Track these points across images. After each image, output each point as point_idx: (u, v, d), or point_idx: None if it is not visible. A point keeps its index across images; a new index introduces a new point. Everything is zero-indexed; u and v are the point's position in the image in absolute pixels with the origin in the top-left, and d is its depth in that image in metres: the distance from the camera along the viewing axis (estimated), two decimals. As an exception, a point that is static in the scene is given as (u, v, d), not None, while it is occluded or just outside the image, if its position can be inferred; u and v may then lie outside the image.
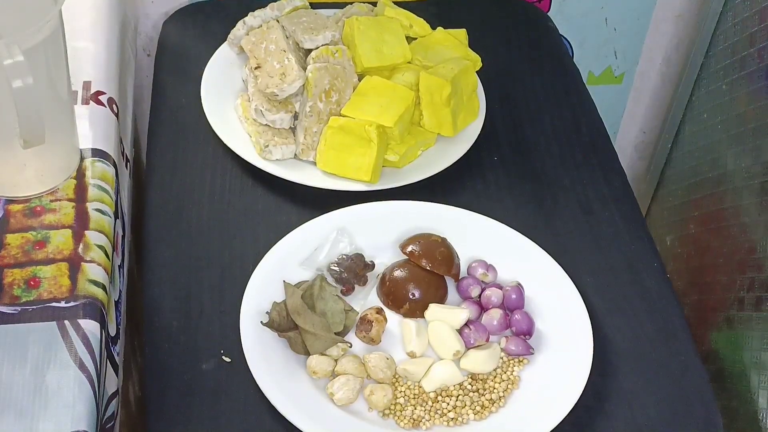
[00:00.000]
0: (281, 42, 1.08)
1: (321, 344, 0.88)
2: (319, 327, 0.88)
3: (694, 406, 0.89)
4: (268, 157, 1.04)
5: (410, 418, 0.85)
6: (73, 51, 0.89)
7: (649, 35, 1.52)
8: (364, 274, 0.95)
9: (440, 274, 0.95)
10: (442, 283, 0.95)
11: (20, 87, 0.76)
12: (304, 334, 0.88)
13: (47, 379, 0.77)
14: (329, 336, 0.88)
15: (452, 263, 0.95)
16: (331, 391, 0.85)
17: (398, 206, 1.00)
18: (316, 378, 0.86)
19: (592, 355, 0.89)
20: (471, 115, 1.12)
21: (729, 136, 1.32)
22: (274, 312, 0.89)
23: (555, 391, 0.86)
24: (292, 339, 0.88)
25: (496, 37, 1.29)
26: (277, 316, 0.89)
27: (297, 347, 0.88)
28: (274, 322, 0.89)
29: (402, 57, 1.10)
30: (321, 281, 0.93)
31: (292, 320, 0.88)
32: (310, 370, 0.86)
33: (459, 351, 0.89)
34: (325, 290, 0.92)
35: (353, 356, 0.88)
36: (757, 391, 1.13)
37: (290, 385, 0.85)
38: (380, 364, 0.87)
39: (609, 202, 1.07)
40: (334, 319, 0.90)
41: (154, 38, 1.31)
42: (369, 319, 0.90)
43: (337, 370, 0.87)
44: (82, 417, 0.76)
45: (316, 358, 0.87)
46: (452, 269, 0.95)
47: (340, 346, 0.88)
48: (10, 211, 0.89)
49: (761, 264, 1.18)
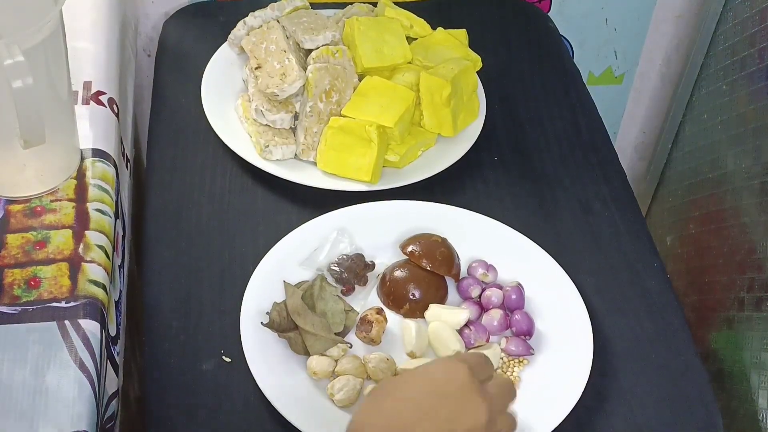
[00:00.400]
0: (281, 42, 1.08)
1: (321, 345, 0.88)
2: (319, 327, 0.88)
3: (694, 406, 0.89)
4: (269, 157, 1.04)
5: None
6: (73, 51, 0.89)
7: (649, 35, 1.52)
8: (365, 274, 0.95)
9: (440, 274, 0.95)
10: (442, 283, 0.95)
11: (20, 87, 0.76)
12: (304, 334, 0.88)
13: (47, 380, 0.77)
14: (329, 336, 0.88)
15: (452, 263, 0.95)
16: (331, 392, 0.85)
17: (398, 206, 1.00)
18: (317, 378, 0.86)
19: (593, 354, 0.89)
20: (471, 115, 1.12)
21: (729, 137, 1.32)
22: (274, 312, 0.89)
23: (555, 392, 0.86)
24: (292, 339, 0.88)
25: (496, 37, 1.29)
26: (277, 316, 0.89)
27: (297, 347, 0.88)
28: (274, 322, 0.89)
29: (402, 57, 1.10)
30: (321, 281, 0.93)
31: (293, 320, 0.88)
32: (311, 371, 0.86)
33: (459, 352, 0.89)
34: (325, 290, 0.92)
35: (353, 357, 0.88)
36: (757, 391, 1.13)
37: (290, 385, 0.85)
38: (380, 365, 0.87)
39: (609, 202, 1.07)
40: (334, 319, 0.90)
41: (154, 38, 1.31)
42: (369, 319, 0.90)
43: (337, 371, 0.87)
44: (82, 417, 0.76)
45: (316, 359, 0.87)
46: (452, 269, 0.95)
47: (341, 347, 0.88)
48: (11, 211, 0.89)
49: (761, 264, 1.18)
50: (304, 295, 0.90)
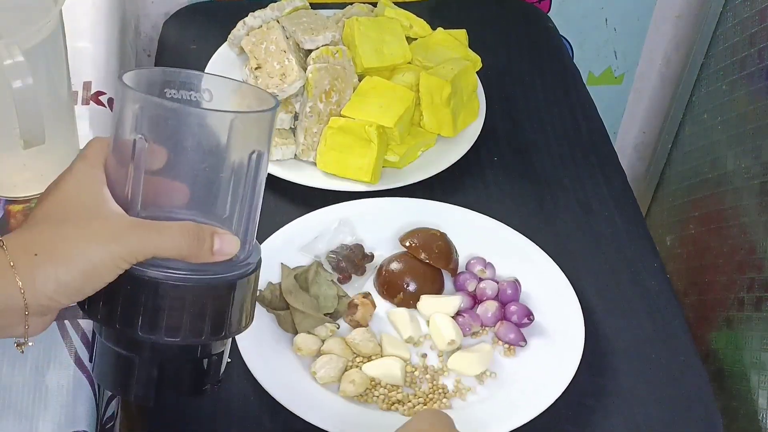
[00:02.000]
0: (281, 42, 1.08)
1: (309, 323, 0.88)
2: (308, 306, 0.89)
3: (694, 406, 0.89)
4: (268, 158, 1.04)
5: (387, 399, 0.85)
6: (73, 51, 0.89)
7: (649, 36, 1.52)
8: (363, 264, 0.95)
9: (438, 267, 0.95)
10: (438, 277, 0.95)
11: (20, 87, 0.76)
12: (293, 312, 0.88)
13: (47, 379, 0.77)
14: (318, 316, 0.89)
15: (450, 257, 0.95)
16: (314, 370, 0.85)
17: (401, 203, 1.01)
18: (301, 356, 0.87)
19: (592, 354, 0.89)
20: (471, 116, 1.12)
21: (729, 137, 1.32)
22: (267, 291, 0.90)
23: (539, 384, 0.86)
24: (281, 317, 0.89)
25: (496, 37, 1.29)
26: (269, 294, 0.90)
27: (286, 325, 0.89)
28: (266, 299, 0.89)
29: (402, 57, 1.10)
30: (317, 267, 0.93)
31: (284, 301, 0.89)
32: (296, 347, 0.87)
33: (454, 340, 0.89)
34: (320, 275, 0.93)
35: (340, 338, 0.89)
36: (757, 391, 1.13)
37: (275, 360, 0.86)
38: (363, 337, 0.88)
39: (609, 202, 1.07)
40: (325, 302, 0.91)
41: (154, 38, 1.31)
42: (355, 303, 0.91)
43: (322, 350, 0.87)
44: (82, 417, 0.76)
45: (302, 336, 0.88)
46: (450, 263, 0.95)
47: (328, 327, 0.89)
48: (10, 211, 0.89)
49: (761, 264, 1.18)
50: (298, 278, 0.91)
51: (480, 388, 0.87)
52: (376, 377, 0.86)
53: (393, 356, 0.88)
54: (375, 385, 0.86)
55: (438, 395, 0.86)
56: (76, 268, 0.59)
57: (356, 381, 0.85)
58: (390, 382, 0.86)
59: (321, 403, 0.83)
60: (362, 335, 0.88)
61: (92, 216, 0.61)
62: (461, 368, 0.88)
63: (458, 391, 0.87)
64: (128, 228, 0.60)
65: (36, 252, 0.59)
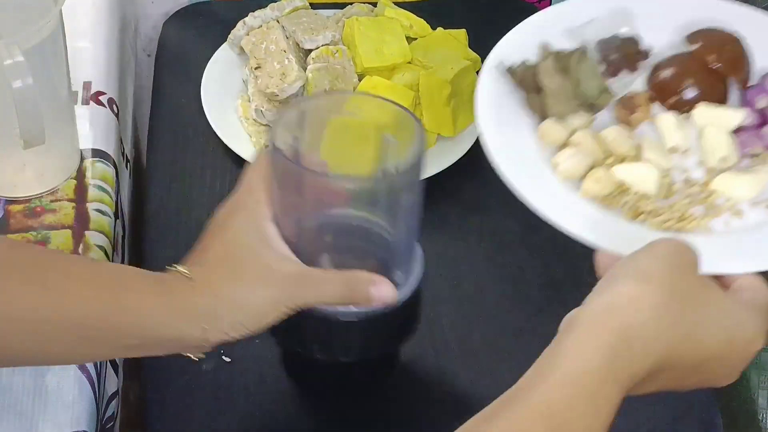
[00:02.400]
0: (281, 42, 1.08)
1: (562, 107, 0.78)
2: (566, 91, 0.78)
3: (694, 406, 0.88)
4: (268, 158, 1.04)
5: (635, 209, 0.74)
6: (73, 51, 0.89)
7: (649, 35, 1.52)
8: (637, 60, 0.84)
9: (725, 74, 0.83)
10: (722, 86, 0.83)
11: (20, 87, 0.76)
12: (546, 94, 0.78)
13: (47, 380, 0.77)
14: (573, 102, 0.79)
15: (743, 64, 0.83)
16: (556, 161, 0.76)
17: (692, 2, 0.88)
18: (543, 144, 0.78)
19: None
20: (471, 116, 1.11)
21: (729, 136, 1.31)
22: (522, 67, 0.80)
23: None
24: (530, 97, 0.79)
25: (496, 37, 1.28)
26: (523, 71, 0.80)
27: (534, 106, 0.79)
28: (518, 74, 0.80)
29: (402, 57, 1.10)
30: (582, 54, 0.82)
31: (538, 84, 0.79)
32: (540, 133, 0.78)
33: (728, 157, 0.77)
34: (585, 62, 0.81)
35: (593, 132, 0.78)
36: (757, 391, 1.13)
37: (514, 143, 0.77)
38: (620, 134, 0.77)
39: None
40: (586, 92, 0.80)
41: (154, 38, 1.31)
42: (637, 102, 0.80)
43: (569, 141, 0.77)
44: (82, 417, 0.76)
45: (549, 123, 0.78)
46: (741, 72, 0.83)
47: (584, 117, 0.79)
48: (10, 211, 0.89)
49: (761, 264, 1.18)
50: (560, 59, 0.80)
51: (750, 214, 0.75)
52: (627, 182, 0.75)
53: (651, 163, 0.76)
54: (623, 191, 0.75)
55: (696, 215, 0.74)
56: (250, 312, 0.67)
57: (602, 180, 0.75)
58: (641, 190, 0.75)
59: (557, 198, 0.74)
60: (619, 132, 0.77)
61: (261, 263, 0.68)
62: (729, 189, 0.76)
63: (721, 212, 0.75)
64: (293, 280, 0.68)
65: (216, 295, 0.67)
